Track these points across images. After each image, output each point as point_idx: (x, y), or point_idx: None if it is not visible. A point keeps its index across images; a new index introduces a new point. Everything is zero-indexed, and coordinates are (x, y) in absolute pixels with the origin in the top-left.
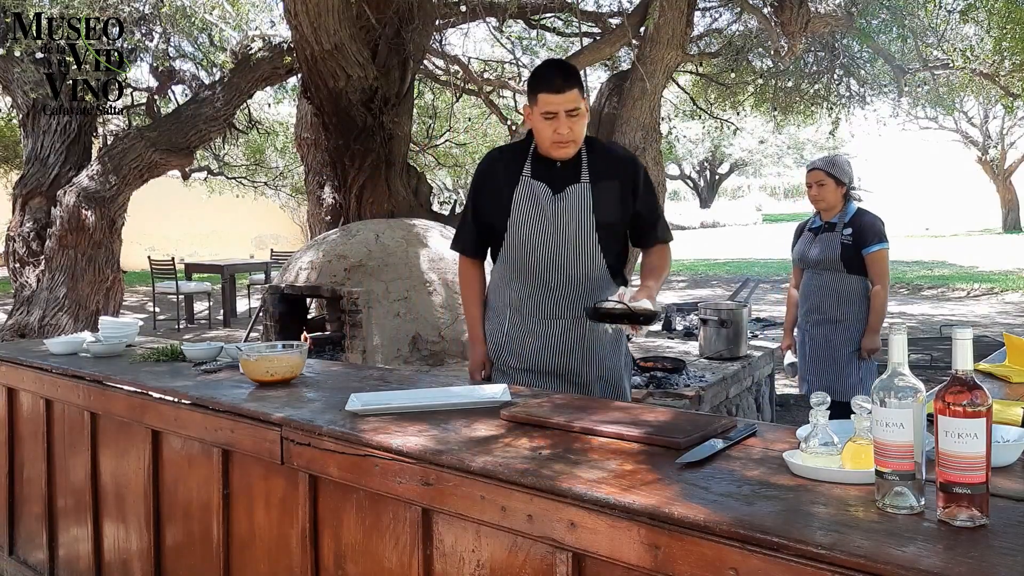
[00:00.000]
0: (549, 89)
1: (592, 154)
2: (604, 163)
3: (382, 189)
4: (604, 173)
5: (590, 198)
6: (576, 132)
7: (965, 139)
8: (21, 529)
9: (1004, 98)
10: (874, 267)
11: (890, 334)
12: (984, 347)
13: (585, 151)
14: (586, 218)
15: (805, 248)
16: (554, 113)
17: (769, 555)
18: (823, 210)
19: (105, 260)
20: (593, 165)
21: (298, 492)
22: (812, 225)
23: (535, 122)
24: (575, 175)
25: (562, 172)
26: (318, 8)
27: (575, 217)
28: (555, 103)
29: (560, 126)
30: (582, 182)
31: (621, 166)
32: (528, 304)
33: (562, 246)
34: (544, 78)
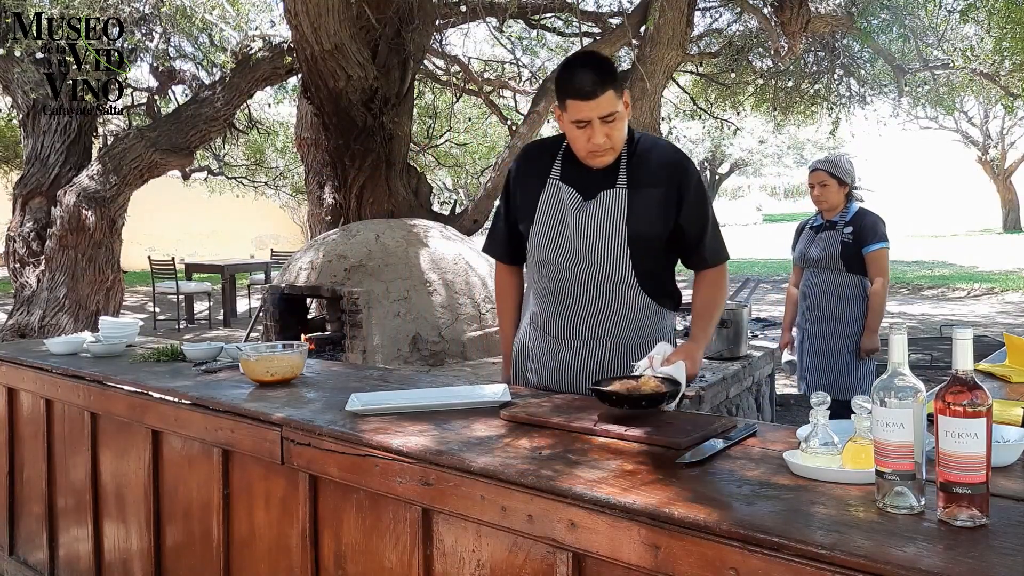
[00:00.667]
0: (579, 95)
1: (633, 155)
2: (646, 165)
3: (382, 189)
4: (645, 177)
5: (624, 206)
6: (615, 139)
7: (965, 139)
8: (21, 529)
9: (1004, 98)
10: (874, 266)
11: (890, 334)
12: (984, 347)
13: (625, 151)
14: (617, 229)
15: (806, 246)
16: (587, 121)
17: (769, 555)
18: (825, 210)
19: (105, 260)
20: (633, 168)
21: (298, 492)
22: (813, 223)
23: (566, 128)
24: (611, 179)
25: (596, 175)
26: (318, 8)
27: (604, 228)
28: (587, 111)
29: (595, 135)
30: (617, 187)
31: (666, 169)
32: (547, 321)
33: (586, 260)
34: (572, 82)
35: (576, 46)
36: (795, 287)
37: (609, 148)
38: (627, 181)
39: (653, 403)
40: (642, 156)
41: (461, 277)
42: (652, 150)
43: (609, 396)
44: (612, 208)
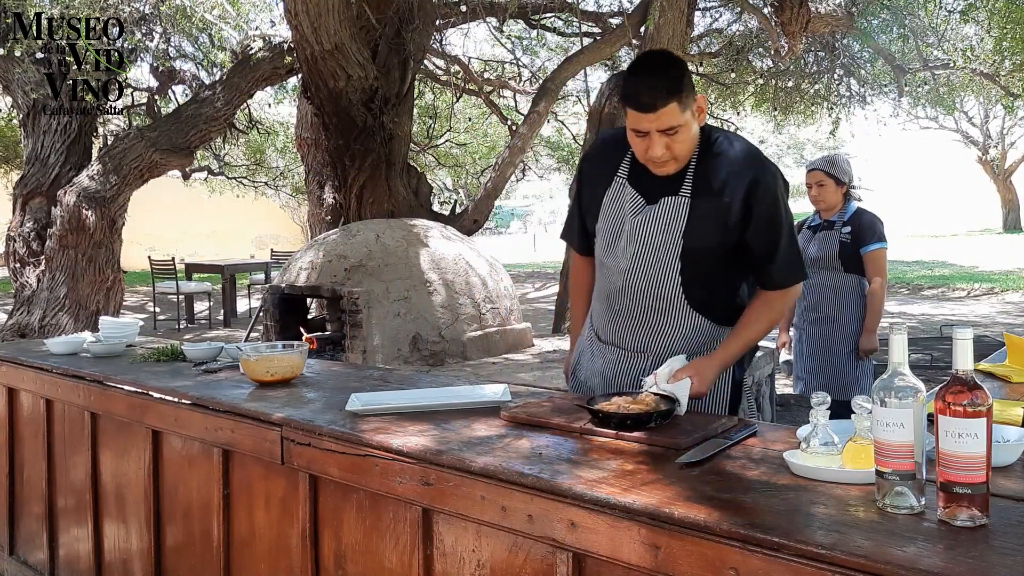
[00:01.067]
0: (635, 107)
1: (703, 160)
2: (715, 173)
3: (382, 189)
4: (712, 186)
5: (684, 216)
6: (676, 151)
7: (965, 139)
8: (21, 529)
9: (1004, 98)
10: (872, 266)
11: (890, 334)
12: (984, 347)
13: (695, 154)
14: (672, 239)
15: (803, 246)
16: (644, 132)
17: (769, 555)
18: (823, 210)
19: (105, 260)
20: (700, 175)
21: (298, 492)
22: (811, 223)
23: (628, 132)
24: (675, 186)
25: (663, 180)
26: (318, 8)
27: (658, 237)
28: (645, 123)
29: (653, 147)
30: (680, 195)
31: (734, 180)
32: (597, 322)
33: (635, 269)
34: (631, 91)
35: (576, 46)
36: None
37: (669, 159)
38: (691, 189)
39: (640, 424)
40: (712, 163)
41: (461, 277)
42: (724, 157)
43: (596, 413)
44: (671, 217)
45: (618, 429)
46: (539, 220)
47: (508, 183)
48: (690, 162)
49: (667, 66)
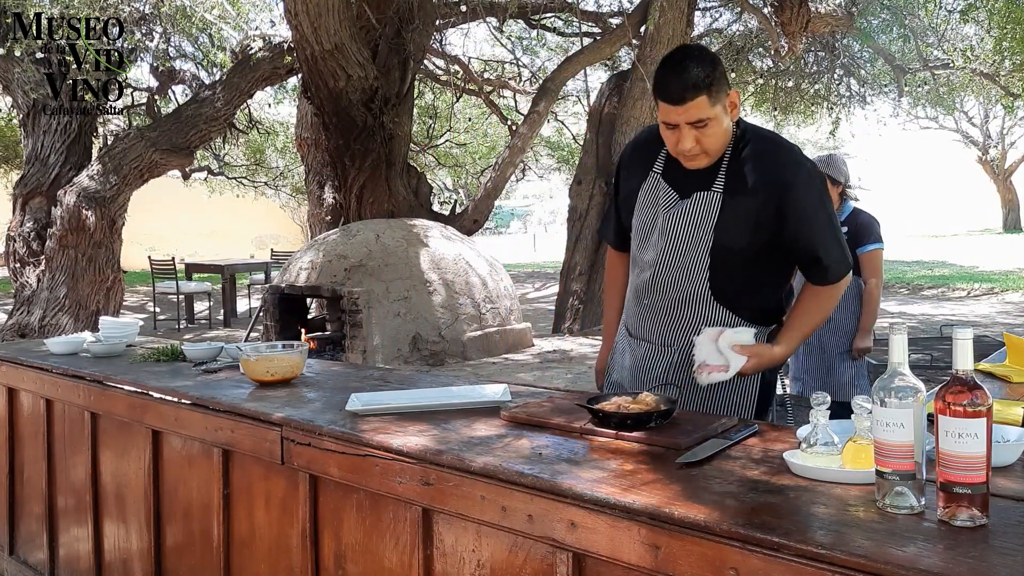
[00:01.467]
0: (665, 98)
1: (737, 156)
2: (749, 169)
3: (382, 189)
4: (744, 183)
5: (715, 212)
6: (707, 144)
7: (965, 139)
8: (21, 529)
9: (1004, 98)
10: (868, 267)
11: (890, 334)
12: (984, 347)
13: (729, 149)
14: (703, 234)
15: None
16: (674, 125)
17: (769, 555)
18: None
19: (105, 260)
20: (734, 170)
21: (298, 492)
22: None
23: (659, 125)
24: (708, 181)
25: (696, 174)
26: (318, 8)
27: (688, 232)
28: (674, 116)
29: (683, 140)
30: (712, 190)
31: (768, 180)
32: (629, 317)
33: (665, 264)
34: (661, 82)
35: (576, 46)
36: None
37: (700, 153)
38: (724, 185)
39: (640, 424)
40: (747, 158)
41: (461, 277)
42: (759, 152)
43: (596, 413)
44: (702, 213)
45: (618, 429)
46: (539, 220)
47: (508, 183)
48: (724, 157)
49: (698, 60)
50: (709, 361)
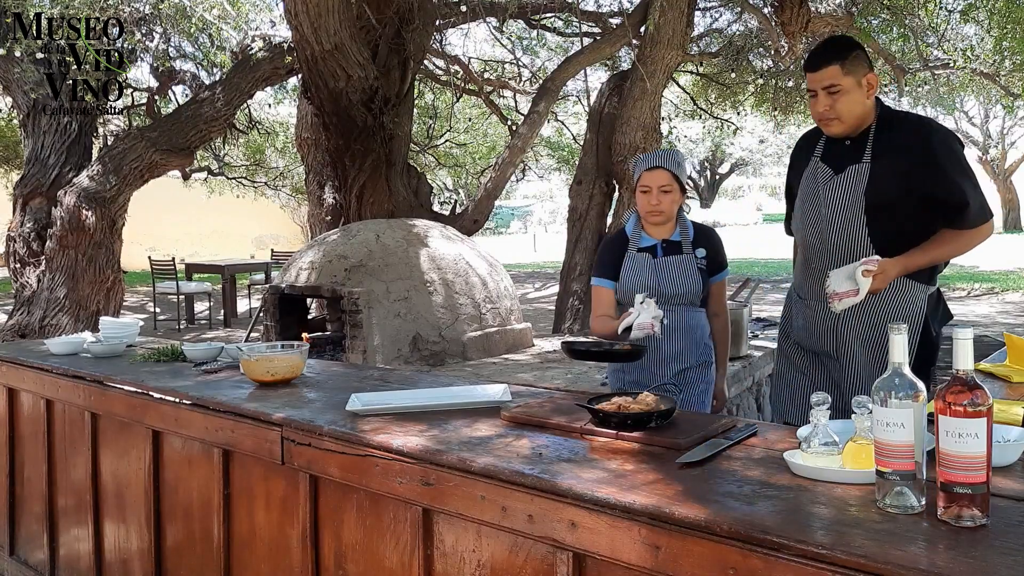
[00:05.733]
0: (807, 68)
1: (882, 130)
2: (893, 137)
3: (382, 189)
4: (889, 149)
5: (866, 178)
6: (838, 110)
7: (965, 139)
8: (22, 529)
9: (1004, 98)
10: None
11: (890, 334)
12: (984, 347)
13: (875, 126)
14: (856, 200)
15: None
16: (814, 92)
17: (769, 555)
18: None
19: (105, 260)
20: (879, 141)
21: (299, 492)
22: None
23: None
24: (859, 154)
25: (848, 151)
26: (318, 8)
27: (844, 198)
28: (812, 81)
29: (818, 103)
30: (863, 161)
31: (909, 138)
32: (798, 283)
33: (828, 229)
34: (807, 58)
35: (576, 46)
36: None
37: (833, 118)
38: (872, 155)
39: (640, 424)
40: (891, 130)
41: (461, 277)
42: (902, 123)
43: (596, 413)
44: (855, 180)
45: (618, 429)
46: (539, 220)
47: (508, 183)
48: (869, 133)
49: (837, 40)
50: (839, 289)
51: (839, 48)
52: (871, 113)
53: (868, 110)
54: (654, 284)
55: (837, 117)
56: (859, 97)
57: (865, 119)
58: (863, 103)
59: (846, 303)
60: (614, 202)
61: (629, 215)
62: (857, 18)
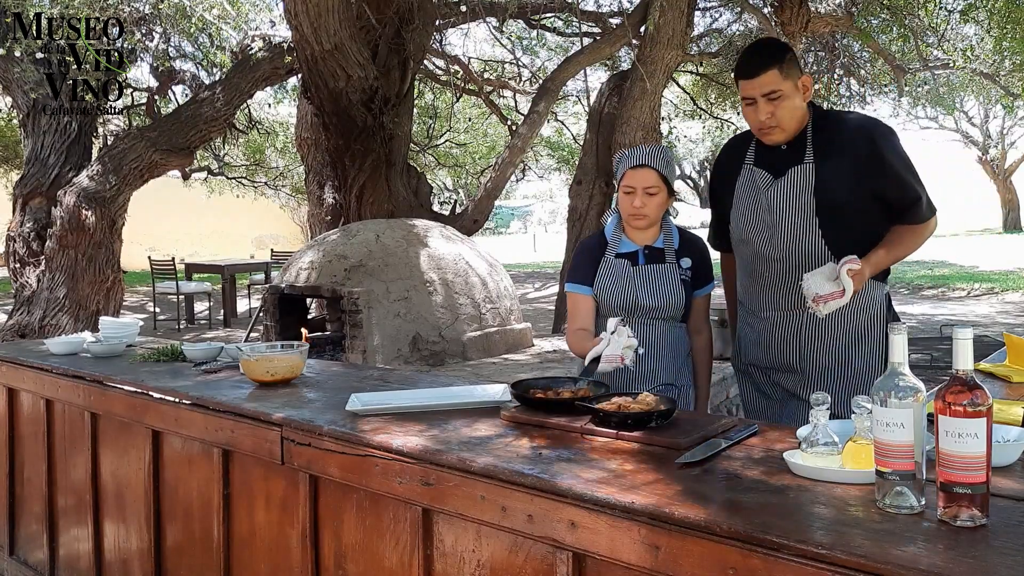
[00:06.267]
0: (740, 74)
1: (819, 130)
2: (833, 137)
3: (382, 189)
4: (833, 148)
5: (812, 179)
6: (779, 117)
7: (965, 139)
8: (21, 529)
9: (1004, 98)
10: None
11: (890, 334)
12: (984, 347)
13: (812, 127)
14: (806, 203)
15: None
16: (752, 99)
17: (769, 555)
18: None
19: (105, 260)
20: (820, 141)
21: (298, 492)
22: None
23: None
24: (799, 156)
25: (785, 154)
26: (318, 8)
27: (792, 202)
28: (749, 89)
29: (758, 112)
30: (805, 162)
31: (854, 137)
32: (745, 295)
33: (778, 235)
34: (739, 64)
35: (576, 46)
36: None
37: (775, 126)
38: (814, 155)
39: (640, 424)
40: (829, 129)
41: (461, 277)
42: (840, 121)
43: (596, 413)
44: (800, 182)
45: (618, 429)
46: (539, 220)
47: (508, 183)
48: (806, 133)
49: (768, 43)
50: (821, 292)
51: (774, 51)
52: (806, 115)
53: (805, 113)
54: (632, 295)
55: (778, 125)
56: (798, 101)
57: (802, 122)
58: (802, 107)
59: (831, 306)
60: (613, 202)
61: (609, 215)
62: (857, 18)
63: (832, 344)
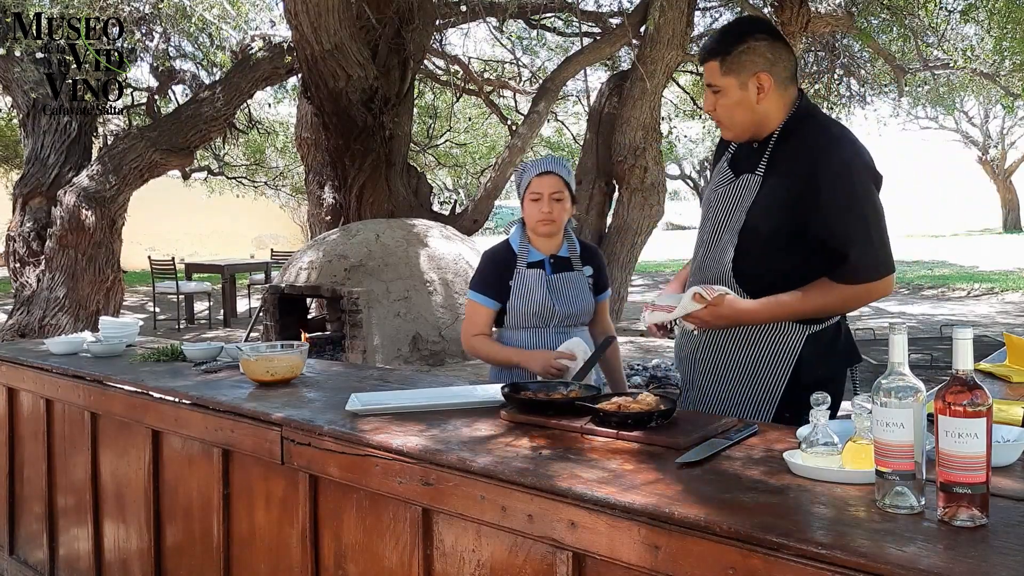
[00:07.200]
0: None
1: (785, 138)
2: (790, 153)
3: (382, 189)
4: (783, 166)
5: (754, 192)
6: (721, 114)
7: (965, 139)
8: (21, 529)
9: (1004, 98)
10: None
11: (890, 334)
12: (984, 347)
13: (778, 133)
14: (737, 216)
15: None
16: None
17: (769, 555)
18: None
19: (105, 260)
20: (777, 154)
21: (298, 492)
22: None
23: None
24: (755, 163)
25: (749, 157)
26: (318, 8)
27: (728, 211)
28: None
29: (705, 103)
30: (756, 172)
31: (803, 161)
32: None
33: (704, 243)
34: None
35: (576, 46)
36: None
37: (720, 119)
38: (766, 168)
39: (640, 423)
40: (791, 142)
41: (461, 277)
42: (804, 138)
43: (596, 413)
44: (742, 193)
45: (618, 429)
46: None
47: (508, 183)
48: (771, 140)
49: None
50: (658, 302)
51: (726, 40)
52: (774, 116)
53: (762, 116)
54: (549, 303)
55: (722, 120)
56: (741, 100)
57: (764, 124)
58: (751, 109)
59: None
60: (614, 202)
61: (512, 226)
62: (857, 18)
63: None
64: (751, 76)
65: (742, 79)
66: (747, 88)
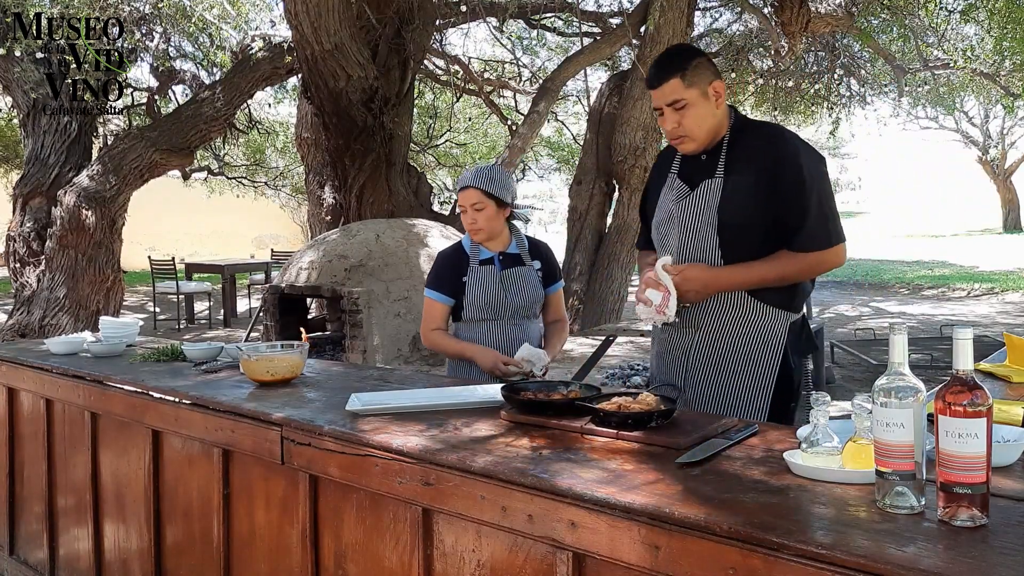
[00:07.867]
0: (648, 85)
1: (734, 142)
2: (744, 150)
3: (382, 189)
4: (741, 163)
5: (719, 194)
6: (686, 126)
7: (965, 139)
8: (21, 529)
9: (1004, 98)
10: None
11: (890, 334)
12: (984, 347)
13: (728, 138)
14: (709, 218)
15: None
16: (659, 109)
17: (769, 555)
18: None
19: (105, 260)
20: (732, 155)
21: (298, 492)
22: None
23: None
24: (711, 168)
25: (704, 166)
26: (318, 8)
27: (696, 217)
28: (656, 98)
29: (665, 121)
30: (716, 176)
31: (759, 154)
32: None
33: (682, 248)
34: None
35: (576, 46)
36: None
37: (684, 135)
38: (724, 169)
39: (640, 423)
40: (743, 142)
41: None
42: (754, 135)
43: (596, 413)
44: (707, 197)
45: (618, 429)
46: (539, 220)
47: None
48: (723, 145)
49: (675, 52)
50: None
51: (678, 59)
52: (724, 123)
53: (720, 120)
54: (502, 296)
55: (687, 135)
56: (707, 109)
57: (719, 130)
58: (712, 114)
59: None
60: (614, 202)
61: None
62: (857, 18)
63: (717, 369)
64: (708, 85)
65: (703, 88)
66: (708, 96)
